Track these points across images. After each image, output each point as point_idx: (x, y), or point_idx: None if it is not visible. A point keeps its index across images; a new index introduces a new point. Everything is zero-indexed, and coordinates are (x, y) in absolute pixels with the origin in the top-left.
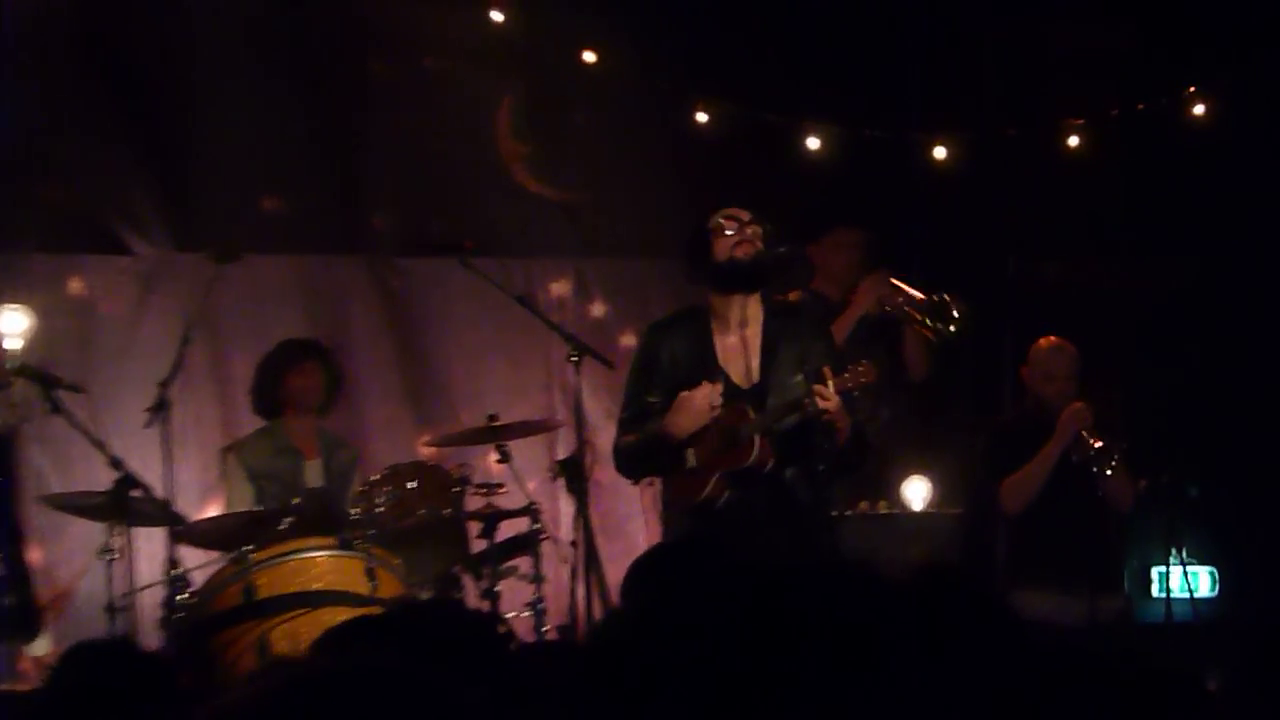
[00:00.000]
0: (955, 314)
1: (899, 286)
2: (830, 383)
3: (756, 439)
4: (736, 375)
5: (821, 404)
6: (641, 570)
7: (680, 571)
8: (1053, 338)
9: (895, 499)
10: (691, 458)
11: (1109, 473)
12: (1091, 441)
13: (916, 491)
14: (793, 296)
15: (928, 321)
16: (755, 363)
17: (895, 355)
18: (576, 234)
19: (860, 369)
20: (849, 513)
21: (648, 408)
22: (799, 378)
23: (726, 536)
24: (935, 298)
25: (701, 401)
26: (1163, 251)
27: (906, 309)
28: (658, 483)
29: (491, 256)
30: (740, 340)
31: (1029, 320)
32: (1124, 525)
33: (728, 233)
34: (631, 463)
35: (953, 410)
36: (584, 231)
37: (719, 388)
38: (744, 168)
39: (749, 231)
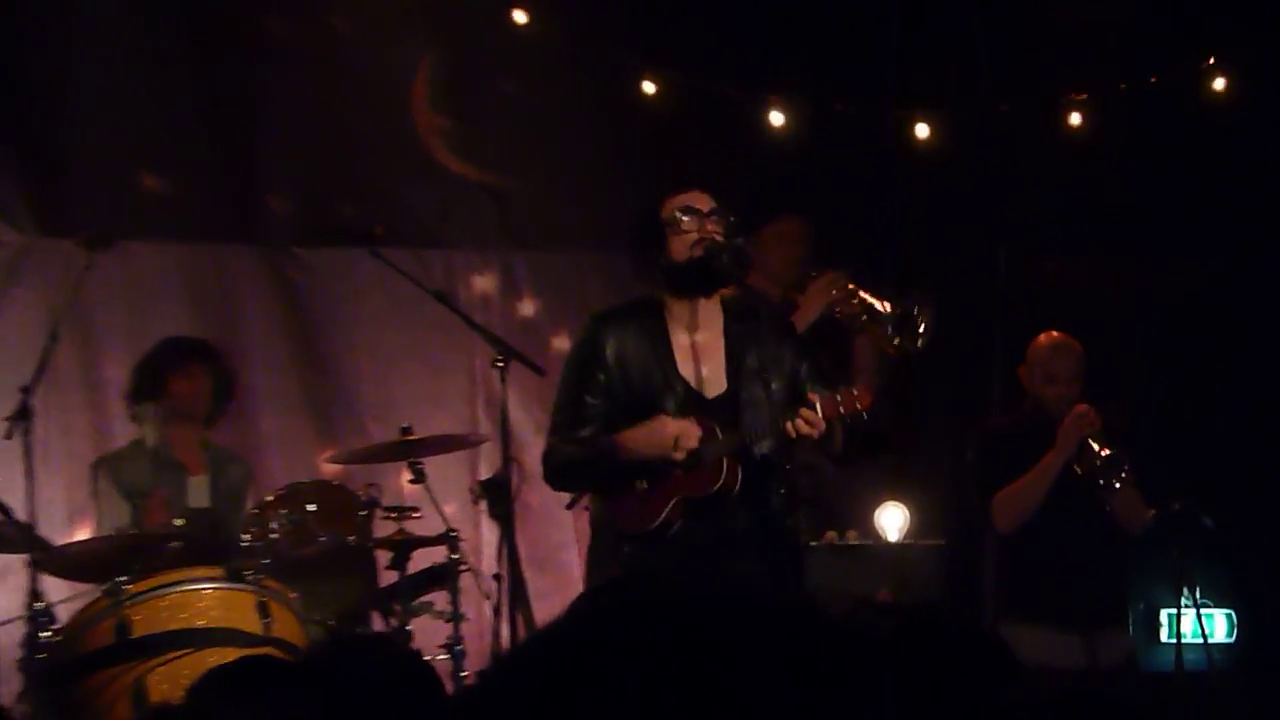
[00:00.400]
0: (921, 328)
1: (859, 294)
2: (818, 406)
3: (725, 462)
4: (696, 382)
5: (804, 429)
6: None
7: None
8: (1055, 333)
9: (868, 528)
10: (643, 482)
11: (1118, 486)
12: (1099, 450)
13: (891, 520)
14: (725, 294)
15: (891, 336)
16: (718, 369)
17: (841, 366)
18: (504, 221)
19: (855, 393)
20: (815, 544)
21: (586, 411)
22: (774, 385)
23: (678, 569)
24: (902, 310)
25: (674, 437)
26: (1175, 248)
27: (864, 320)
28: (593, 506)
29: (406, 246)
30: (697, 343)
31: (1021, 325)
32: (1132, 552)
33: (686, 226)
34: (567, 476)
35: (931, 425)
36: (512, 218)
37: (695, 432)
38: (698, 148)
39: (710, 226)
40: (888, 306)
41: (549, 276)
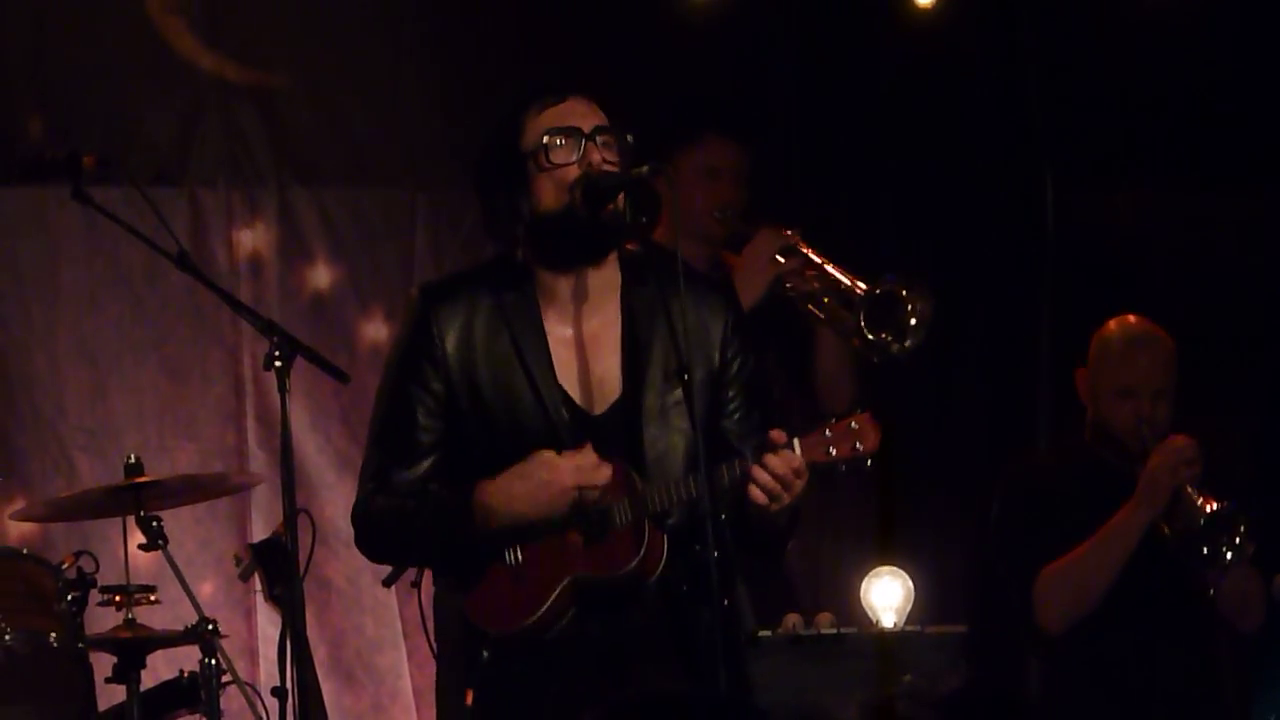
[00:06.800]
0: (911, 319)
1: (815, 262)
2: (796, 448)
3: (647, 529)
4: (582, 392)
5: (767, 490)
6: None
7: None
8: (1132, 318)
9: (849, 609)
10: (515, 552)
11: (1230, 558)
12: (1201, 505)
13: (886, 596)
14: (625, 249)
15: (862, 327)
16: (612, 368)
17: (797, 369)
18: (281, 144)
19: (856, 427)
20: (767, 634)
21: (417, 437)
22: (693, 391)
23: (561, 688)
24: (879, 290)
25: (566, 475)
26: None
27: (824, 302)
28: (431, 587)
29: (129, 183)
30: (584, 330)
31: (1079, 292)
32: (1247, 654)
33: (559, 155)
34: (390, 543)
35: (946, 455)
36: (294, 140)
37: (605, 472)
38: (576, 29)
39: (597, 152)
40: (861, 286)
41: (352, 229)
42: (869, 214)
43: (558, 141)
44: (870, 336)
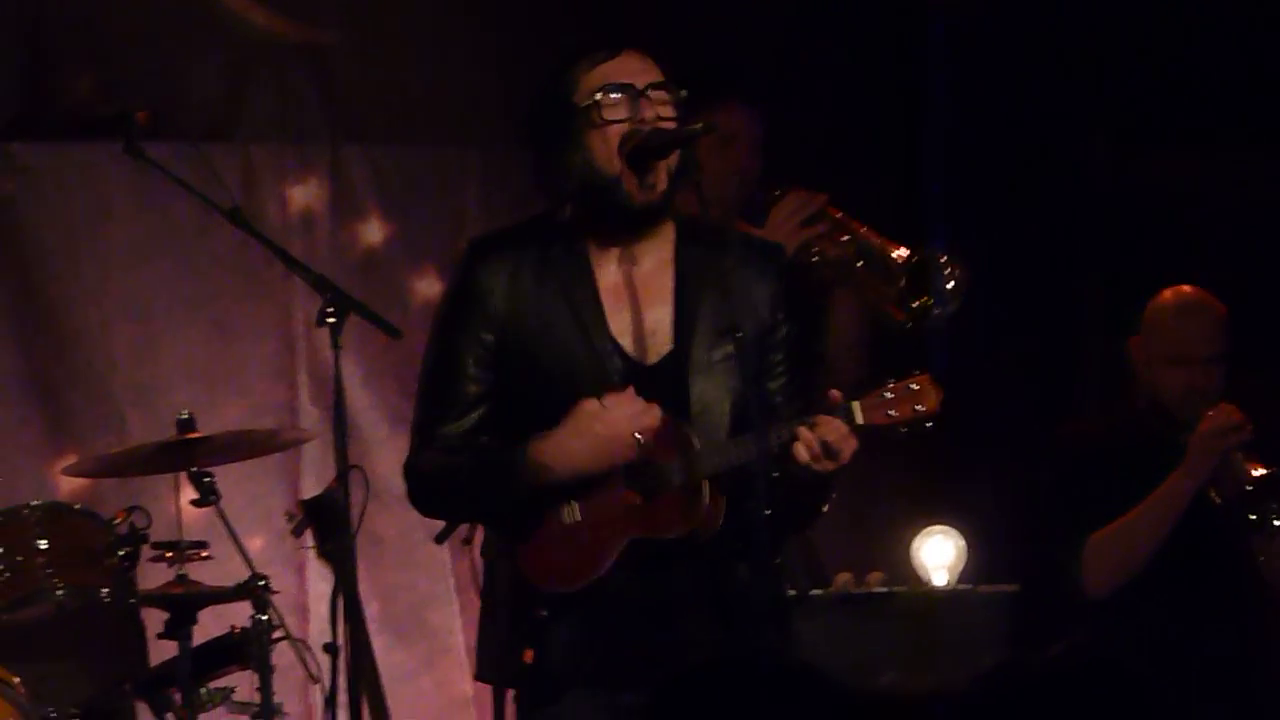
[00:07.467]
0: (949, 283)
1: (851, 227)
2: (856, 410)
3: (706, 488)
4: (635, 343)
5: (836, 442)
6: None
7: None
8: (1187, 288)
9: (900, 568)
10: (574, 510)
11: (1277, 524)
12: (1249, 470)
13: (936, 554)
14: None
15: (905, 295)
16: (664, 320)
17: (809, 340)
18: (332, 101)
19: (917, 388)
20: (818, 592)
21: (468, 392)
22: (745, 348)
23: (611, 644)
24: (920, 257)
25: (621, 424)
26: None
27: (858, 266)
28: (482, 541)
29: (182, 139)
30: (635, 280)
31: (1130, 253)
32: None
33: (611, 111)
34: (445, 499)
35: (993, 416)
36: (346, 96)
37: (653, 409)
38: None
39: (649, 109)
40: (900, 252)
41: (404, 185)
42: (915, 176)
43: (611, 97)
44: (911, 299)
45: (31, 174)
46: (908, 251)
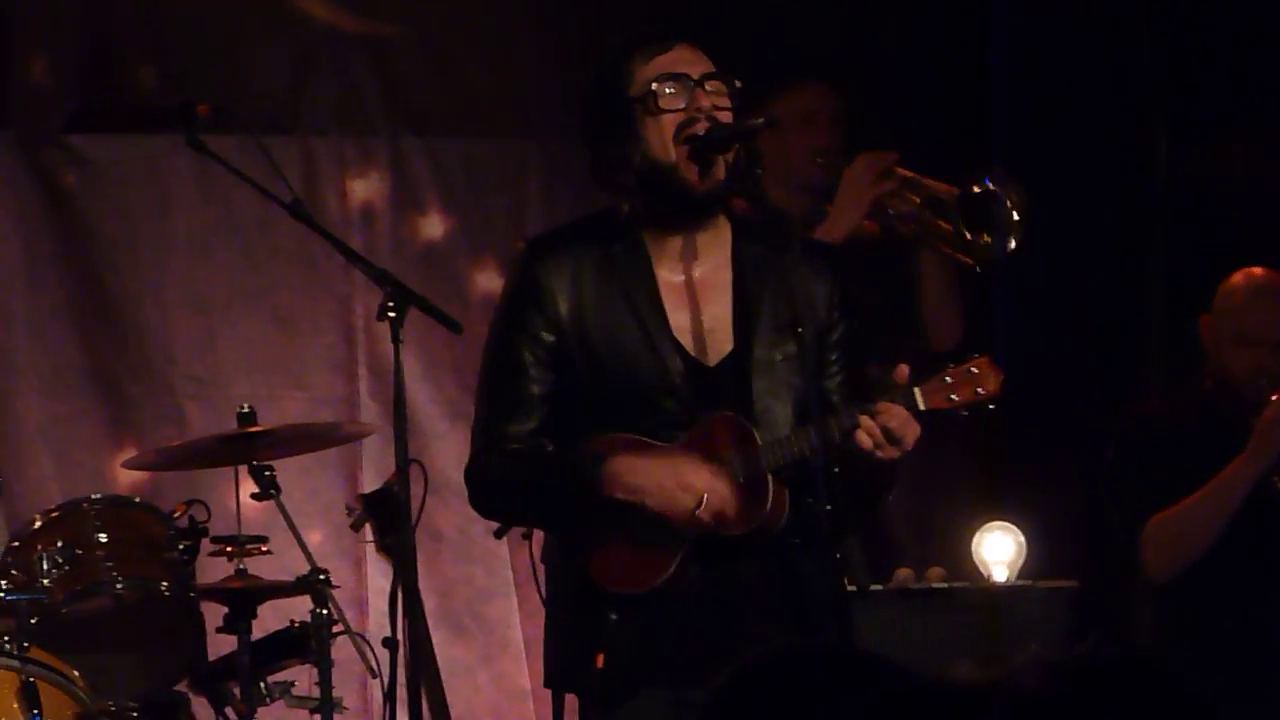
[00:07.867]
0: (1011, 213)
1: (913, 178)
2: (917, 396)
3: (771, 484)
4: (695, 343)
5: (898, 429)
6: None
7: None
8: (1258, 270)
9: (961, 564)
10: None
11: None
12: None
13: (997, 550)
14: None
15: (964, 233)
16: (723, 320)
17: (904, 309)
18: (393, 94)
19: (976, 370)
20: (878, 587)
21: (530, 392)
22: (806, 345)
23: (678, 642)
24: (975, 189)
25: (703, 483)
26: None
27: (928, 217)
28: (543, 545)
29: (242, 132)
30: (695, 280)
31: (1191, 244)
32: None
33: (668, 102)
34: (509, 505)
35: (1058, 404)
36: (406, 90)
37: (728, 504)
38: None
39: (705, 100)
40: (953, 189)
41: (465, 179)
42: (978, 166)
43: (667, 89)
44: (970, 238)
45: (93, 167)
46: (956, 188)
